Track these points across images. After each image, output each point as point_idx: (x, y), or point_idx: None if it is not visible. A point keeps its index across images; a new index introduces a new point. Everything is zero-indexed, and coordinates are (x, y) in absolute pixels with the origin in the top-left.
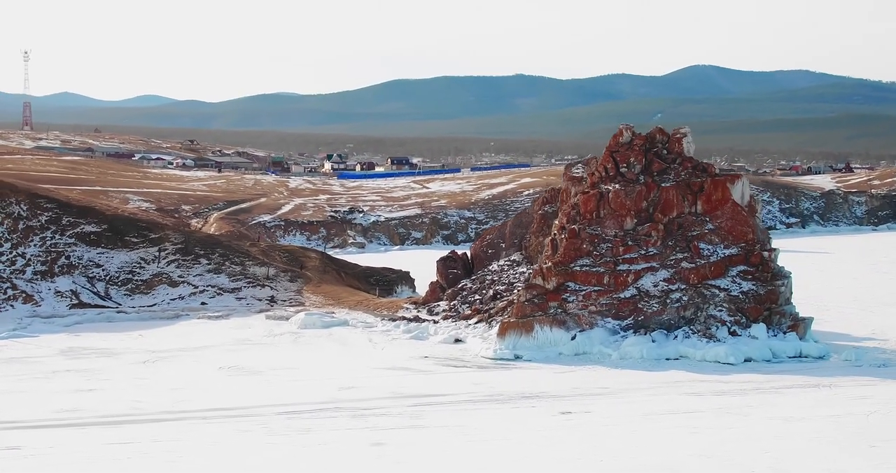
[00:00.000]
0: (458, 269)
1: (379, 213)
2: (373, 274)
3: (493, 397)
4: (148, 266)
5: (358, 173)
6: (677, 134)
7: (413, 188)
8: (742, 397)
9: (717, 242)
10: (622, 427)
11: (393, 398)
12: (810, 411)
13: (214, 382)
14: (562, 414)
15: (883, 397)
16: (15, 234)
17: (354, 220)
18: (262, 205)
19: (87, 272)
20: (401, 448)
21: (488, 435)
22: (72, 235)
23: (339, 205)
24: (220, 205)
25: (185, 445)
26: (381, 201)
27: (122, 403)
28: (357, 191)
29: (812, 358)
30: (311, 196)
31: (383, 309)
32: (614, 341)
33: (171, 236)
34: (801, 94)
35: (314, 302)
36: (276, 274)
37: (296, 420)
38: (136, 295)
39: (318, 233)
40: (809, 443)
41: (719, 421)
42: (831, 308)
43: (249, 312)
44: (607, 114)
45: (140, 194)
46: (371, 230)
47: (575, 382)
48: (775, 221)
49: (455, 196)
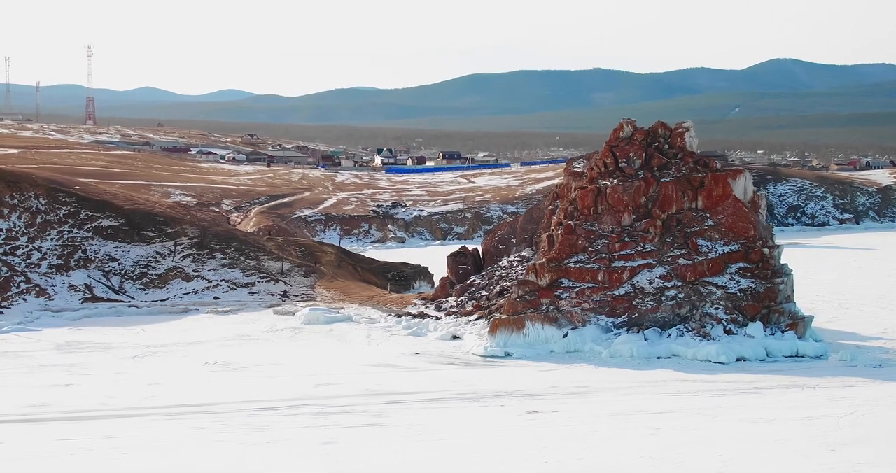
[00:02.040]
0: (468, 265)
1: (421, 208)
2: (390, 269)
3: (466, 396)
4: (163, 260)
5: (406, 167)
6: (679, 128)
7: (459, 183)
8: (720, 397)
9: (717, 239)
10: (583, 427)
11: (364, 395)
12: (783, 413)
13: (193, 378)
14: (528, 414)
15: (864, 399)
16: (32, 228)
17: (396, 215)
18: (304, 199)
19: (104, 266)
20: (349, 447)
21: (443, 435)
22: (89, 229)
23: (383, 199)
24: (262, 199)
25: (135, 442)
26: (426, 196)
27: (93, 399)
28: (403, 186)
29: (809, 357)
30: (355, 190)
31: (392, 305)
32: (607, 339)
33: (188, 230)
34: (884, 88)
35: (326, 297)
36: (290, 269)
37: (258, 417)
38: (151, 289)
39: (358, 228)
40: (767, 446)
41: (685, 423)
42: (852, 306)
43: (260, 307)
44: (684, 109)
45: (183, 188)
46: (413, 225)
47: (555, 381)
48: (828, 217)
49: (500, 190)
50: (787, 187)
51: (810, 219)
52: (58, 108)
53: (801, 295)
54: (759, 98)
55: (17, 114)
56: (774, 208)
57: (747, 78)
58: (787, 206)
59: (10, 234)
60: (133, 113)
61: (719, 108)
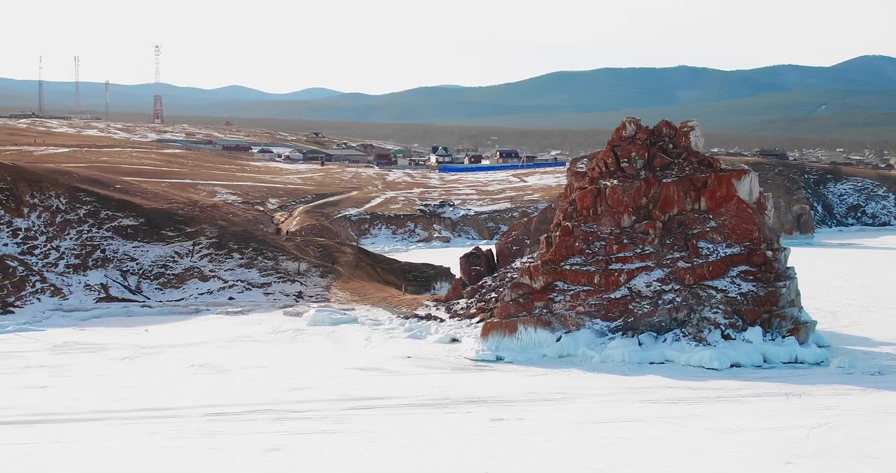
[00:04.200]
0: (480, 266)
1: (469, 207)
2: (411, 269)
3: (437, 401)
4: (181, 260)
5: (459, 166)
6: (684, 127)
7: (511, 181)
8: (697, 406)
9: (719, 241)
10: (541, 436)
11: (333, 400)
12: (755, 422)
13: (171, 381)
14: (491, 421)
15: (847, 409)
16: (51, 228)
17: (444, 214)
18: (351, 198)
19: (122, 265)
20: (291, 455)
21: (395, 443)
22: (109, 229)
23: (431, 198)
24: (308, 198)
25: (80, 447)
26: (475, 195)
27: (60, 401)
28: (453, 185)
29: (808, 364)
30: (405, 189)
31: (403, 307)
32: (600, 343)
33: (207, 230)
34: None
35: (340, 298)
36: (307, 269)
37: (215, 422)
38: (167, 289)
39: (404, 227)
40: (723, 457)
41: (649, 432)
42: (877, 310)
43: (273, 308)
44: (770, 106)
45: (229, 187)
46: (460, 224)
47: (536, 387)
48: (889, 217)
49: (549, 190)
50: (847, 186)
51: (871, 218)
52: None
53: (831, 297)
54: (847, 95)
55: (85, 112)
56: (834, 208)
57: (835, 75)
58: (847, 206)
59: (28, 234)
60: (219, 111)
61: (805, 106)
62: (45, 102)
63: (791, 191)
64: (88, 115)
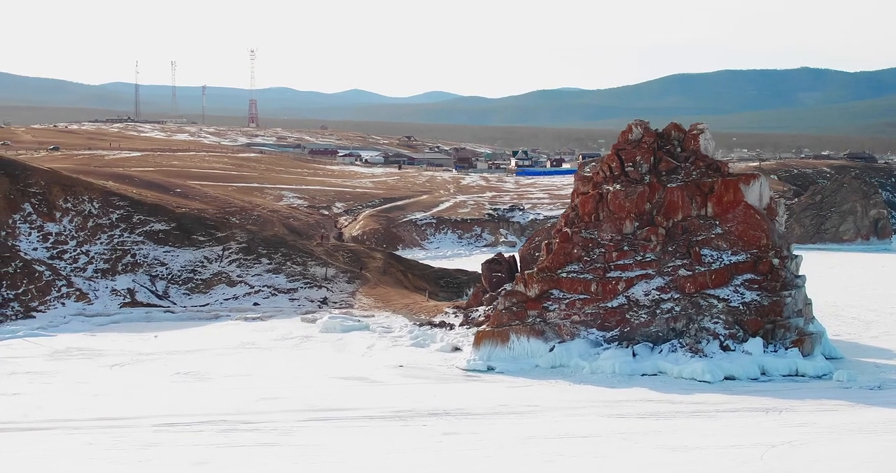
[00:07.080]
0: (502, 272)
1: (539, 212)
2: (444, 275)
3: (399, 414)
4: (210, 265)
5: (536, 170)
6: (694, 130)
7: None
8: (666, 421)
9: (725, 248)
10: (484, 452)
11: (294, 411)
12: (716, 439)
13: (143, 390)
14: (442, 435)
15: (822, 426)
16: (83, 232)
17: (512, 219)
18: (419, 202)
19: (151, 270)
20: (215, 469)
21: (330, 457)
22: (140, 233)
23: (502, 202)
24: (375, 202)
25: (11, 459)
26: (547, 199)
27: (18, 409)
28: (528, 189)
29: (809, 377)
30: (477, 193)
31: (423, 314)
32: (595, 353)
33: (238, 235)
34: None
35: (364, 304)
36: (334, 274)
37: (161, 433)
38: (195, 294)
39: (470, 232)
40: None
41: (600, 449)
42: None
43: (294, 314)
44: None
45: (296, 191)
46: (528, 229)
47: (511, 399)
48: None
49: None
50: None
51: None
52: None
53: (864, 305)
54: None
55: (181, 116)
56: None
57: None
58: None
59: (58, 238)
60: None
61: None
62: (152, 107)
63: (868, 196)
64: (184, 119)
